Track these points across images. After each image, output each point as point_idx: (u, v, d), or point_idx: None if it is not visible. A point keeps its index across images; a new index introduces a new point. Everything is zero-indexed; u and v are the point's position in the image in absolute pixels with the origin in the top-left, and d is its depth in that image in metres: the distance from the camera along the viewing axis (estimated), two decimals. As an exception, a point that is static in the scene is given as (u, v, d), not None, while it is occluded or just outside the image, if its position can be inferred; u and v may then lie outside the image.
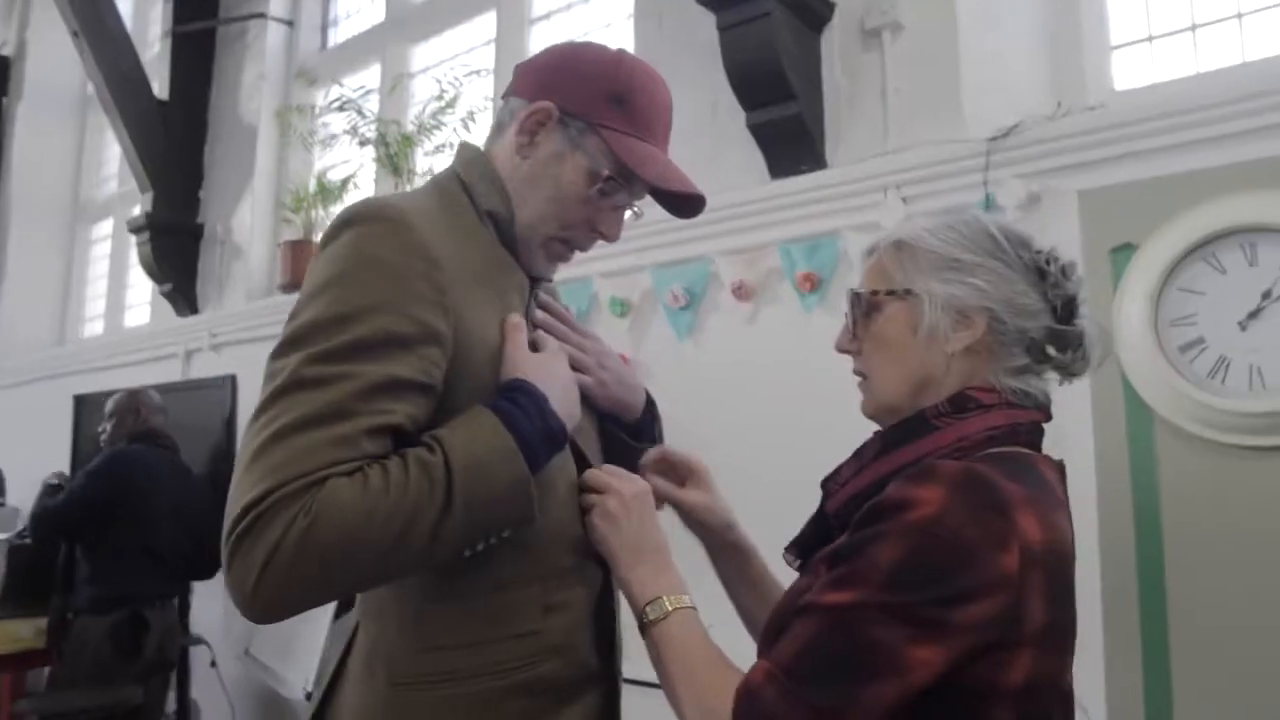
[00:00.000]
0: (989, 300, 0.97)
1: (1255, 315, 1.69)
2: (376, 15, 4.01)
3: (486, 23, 3.51)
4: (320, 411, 0.88)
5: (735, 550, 1.21)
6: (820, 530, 1.04)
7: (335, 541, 0.85)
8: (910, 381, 1.00)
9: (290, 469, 0.85)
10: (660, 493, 1.16)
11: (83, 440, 4.53)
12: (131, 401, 3.61)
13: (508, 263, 1.10)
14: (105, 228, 5.59)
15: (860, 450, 1.03)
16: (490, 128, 1.17)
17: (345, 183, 3.71)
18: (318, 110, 3.90)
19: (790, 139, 2.29)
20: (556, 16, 3.29)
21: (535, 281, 1.15)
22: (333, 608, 1.18)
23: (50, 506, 3.39)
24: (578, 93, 1.08)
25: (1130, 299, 1.79)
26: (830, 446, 1.10)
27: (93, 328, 5.51)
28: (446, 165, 1.16)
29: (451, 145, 3.25)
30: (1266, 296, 1.68)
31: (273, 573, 0.83)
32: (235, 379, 3.92)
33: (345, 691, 1.07)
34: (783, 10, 2.21)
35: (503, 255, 1.10)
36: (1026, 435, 0.97)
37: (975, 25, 2.15)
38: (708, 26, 2.34)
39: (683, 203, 1.12)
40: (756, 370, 2.33)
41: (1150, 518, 1.76)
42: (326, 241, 0.98)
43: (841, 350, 1.07)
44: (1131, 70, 2.10)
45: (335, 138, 3.66)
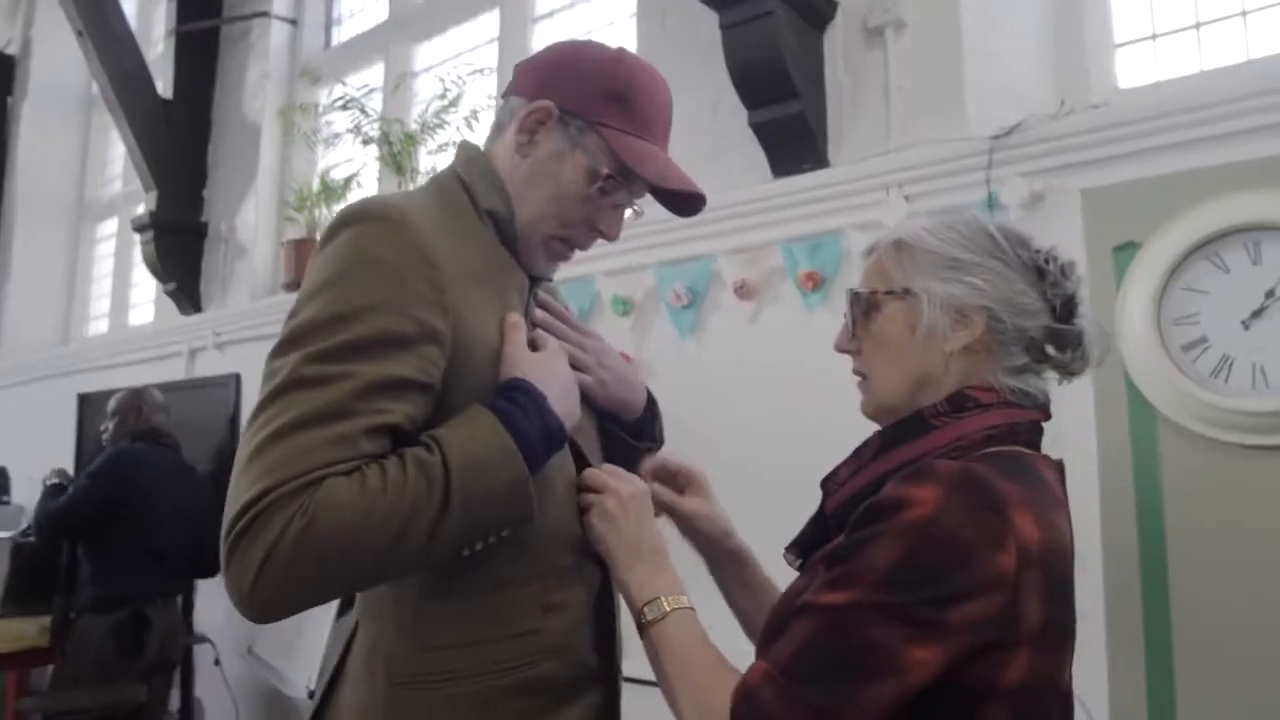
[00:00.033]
0: (988, 299, 0.96)
1: (1259, 314, 1.68)
2: (380, 14, 4.02)
3: (489, 21, 3.51)
4: (319, 411, 0.87)
5: (734, 558, 1.21)
6: (820, 530, 1.04)
7: (333, 541, 0.85)
8: (909, 381, 0.99)
9: (288, 468, 0.85)
10: (659, 501, 1.16)
11: (87, 439, 4.53)
12: (133, 400, 3.61)
13: (507, 262, 1.10)
14: (110, 227, 5.60)
15: (859, 450, 1.03)
16: (490, 127, 1.16)
17: (348, 182, 3.71)
18: (321, 109, 3.91)
19: (793, 137, 2.29)
20: (559, 15, 3.28)
21: (535, 281, 1.15)
22: (335, 606, 1.18)
23: (53, 509, 3.39)
24: (577, 91, 1.08)
25: (1133, 298, 1.78)
26: (832, 446, 1.09)
27: (97, 326, 5.53)
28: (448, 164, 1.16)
29: (454, 144, 3.24)
30: (1270, 295, 1.67)
31: (270, 572, 0.83)
32: (239, 378, 3.93)
33: (345, 691, 1.07)
34: (785, 9, 2.20)
35: (502, 254, 1.10)
36: (1025, 434, 0.97)
37: (978, 23, 2.15)
38: (710, 25, 2.33)
39: (683, 201, 1.12)
40: (759, 369, 2.33)
41: (1153, 517, 1.75)
42: (326, 240, 0.98)
43: (841, 350, 1.07)
44: (1135, 68, 2.09)
45: (338, 137, 3.66)
